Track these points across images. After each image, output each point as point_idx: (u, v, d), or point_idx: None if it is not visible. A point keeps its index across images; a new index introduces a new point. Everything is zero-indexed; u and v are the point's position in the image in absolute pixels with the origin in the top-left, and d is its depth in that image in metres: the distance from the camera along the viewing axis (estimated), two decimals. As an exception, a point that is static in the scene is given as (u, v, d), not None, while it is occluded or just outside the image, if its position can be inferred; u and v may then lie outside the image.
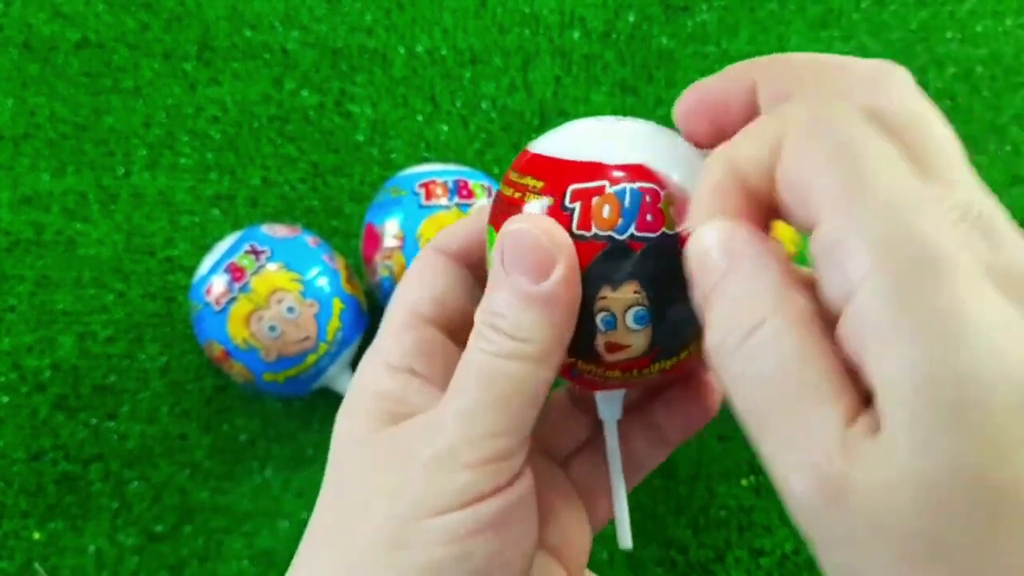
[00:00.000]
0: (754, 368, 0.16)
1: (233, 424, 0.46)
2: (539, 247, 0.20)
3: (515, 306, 0.21)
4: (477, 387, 0.21)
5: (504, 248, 0.21)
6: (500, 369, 0.21)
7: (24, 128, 0.51)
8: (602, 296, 0.21)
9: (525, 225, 0.21)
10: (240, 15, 0.54)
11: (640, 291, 0.21)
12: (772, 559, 0.43)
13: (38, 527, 0.44)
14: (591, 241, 0.21)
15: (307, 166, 0.51)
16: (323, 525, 0.22)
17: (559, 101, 0.52)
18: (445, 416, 0.21)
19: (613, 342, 0.22)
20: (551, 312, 0.21)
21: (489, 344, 0.21)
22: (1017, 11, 0.54)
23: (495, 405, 0.20)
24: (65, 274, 0.48)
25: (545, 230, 0.21)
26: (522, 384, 0.21)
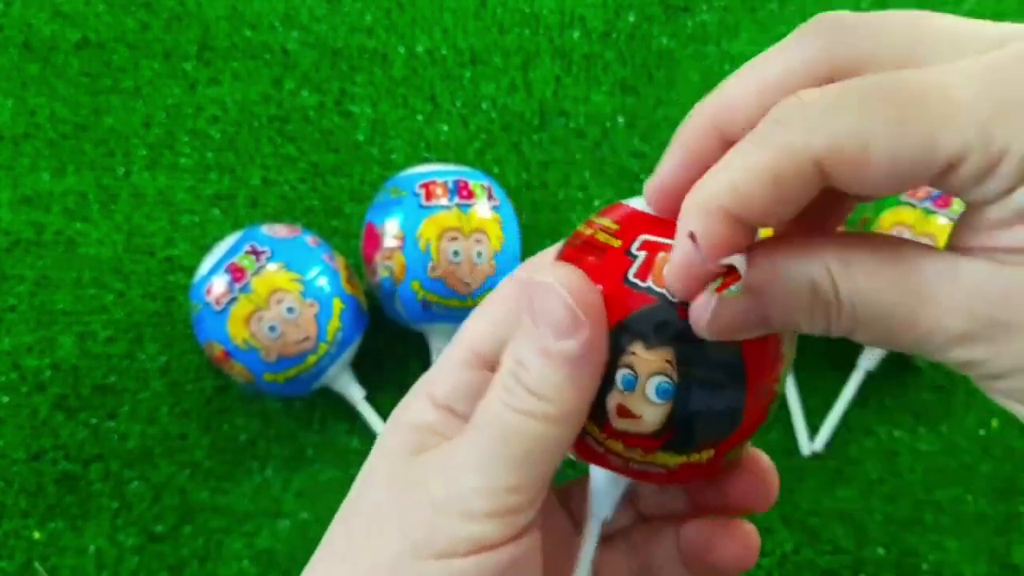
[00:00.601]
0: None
1: (233, 424, 0.46)
2: (564, 305, 0.20)
3: (539, 361, 0.20)
4: (494, 438, 0.20)
5: (531, 298, 0.20)
6: (518, 425, 0.20)
7: (24, 128, 0.51)
8: (632, 351, 0.20)
9: (553, 280, 0.20)
10: (240, 15, 0.54)
11: (672, 361, 0.20)
12: (772, 559, 0.43)
13: (38, 527, 0.44)
14: (643, 293, 0.20)
15: (307, 166, 0.51)
16: (332, 546, 0.22)
17: (559, 101, 0.52)
18: (460, 458, 0.21)
19: (626, 406, 0.20)
20: (575, 374, 0.20)
21: (510, 396, 0.20)
22: (1017, 11, 0.54)
23: (511, 460, 0.20)
24: (65, 274, 0.48)
25: (574, 289, 0.20)
26: (539, 443, 0.20)
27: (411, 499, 0.21)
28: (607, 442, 0.21)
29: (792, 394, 0.46)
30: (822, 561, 0.43)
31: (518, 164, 0.51)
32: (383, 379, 0.47)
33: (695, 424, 0.20)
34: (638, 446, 0.21)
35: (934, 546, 0.43)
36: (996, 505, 0.44)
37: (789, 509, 0.44)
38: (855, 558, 0.43)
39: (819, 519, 0.44)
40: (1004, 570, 0.43)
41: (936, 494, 0.44)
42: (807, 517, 0.44)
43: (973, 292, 0.17)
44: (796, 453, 0.45)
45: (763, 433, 0.45)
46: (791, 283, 0.18)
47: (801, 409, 0.45)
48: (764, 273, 0.18)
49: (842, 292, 0.18)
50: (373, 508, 0.22)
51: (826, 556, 0.43)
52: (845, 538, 0.43)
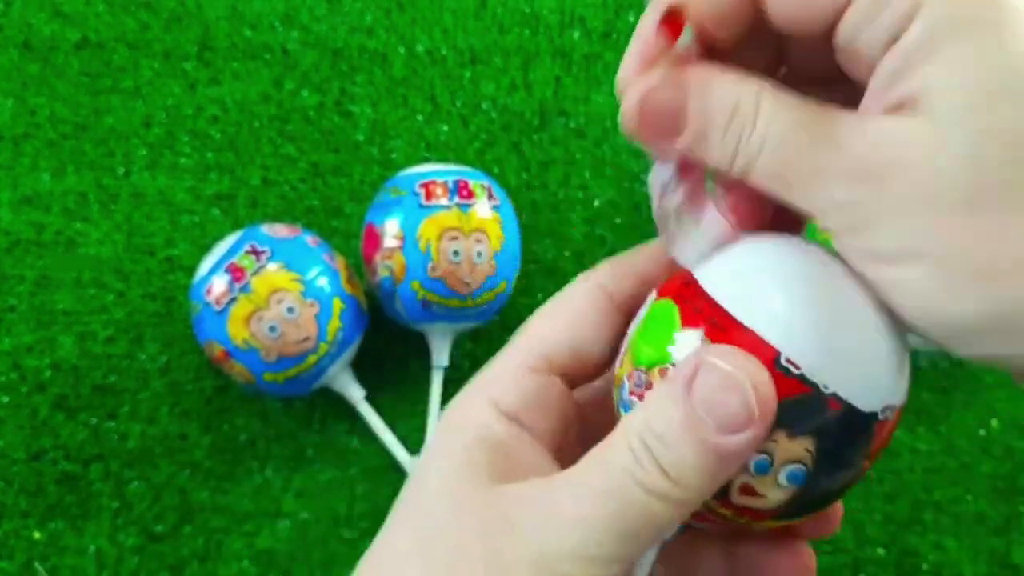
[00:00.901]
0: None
1: (233, 424, 0.46)
2: (745, 403, 0.18)
3: (684, 443, 0.18)
4: (611, 508, 0.19)
5: (698, 379, 0.18)
6: (640, 502, 0.19)
7: (24, 128, 0.51)
8: (773, 439, 0.19)
9: (738, 370, 0.18)
10: (240, 15, 0.54)
11: (812, 451, 0.19)
12: (772, 559, 0.43)
13: (38, 527, 0.44)
14: (795, 380, 0.18)
15: (307, 166, 0.51)
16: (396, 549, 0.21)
17: (559, 101, 0.52)
18: (566, 515, 0.19)
19: (752, 487, 0.19)
20: (719, 467, 0.18)
21: (639, 469, 0.19)
22: (1017, 11, 0.54)
23: (622, 535, 0.19)
24: (65, 274, 0.48)
25: (759, 385, 0.18)
26: (656, 524, 0.19)
27: (501, 543, 0.19)
28: (719, 510, 0.20)
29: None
30: (822, 561, 0.43)
31: (518, 164, 0.51)
32: (383, 379, 0.47)
33: (816, 503, 0.20)
34: (748, 516, 0.20)
35: (934, 546, 0.43)
36: (996, 505, 0.44)
37: (789, 509, 0.44)
38: (855, 558, 0.43)
39: (819, 519, 0.44)
40: (1004, 570, 0.43)
41: (936, 494, 0.44)
42: (807, 517, 0.44)
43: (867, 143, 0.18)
44: (796, 453, 0.45)
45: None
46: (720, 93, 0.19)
47: (801, 409, 0.45)
48: (701, 75, 0.19)
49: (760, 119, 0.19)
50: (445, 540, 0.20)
51: (826, 556, 0.43)
52: (845, 538, 0.44)
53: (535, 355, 0.22)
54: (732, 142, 0.19)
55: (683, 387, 0.18)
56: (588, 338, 0.22)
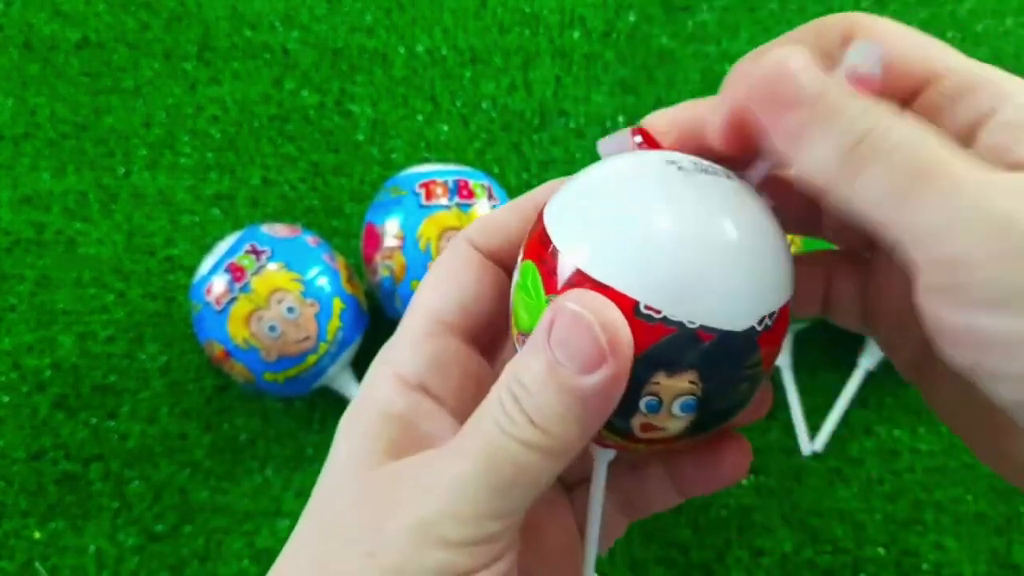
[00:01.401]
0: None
1: (233, 424, 0.46)
2: (594, 340, 0.18)
3: (547, 389, 0.18)
4: (482, 462, 0.19)
5: (554, 324, 0.18)
6: (511, 453, 0.19)
7: (24, 128, 0.51)
8: (655, 382, 0.19)
9: (585, 310, 0.18)
10: (240, 15, 0.54)
11: (696, 382, 0.19)
12: (772, 559, 0.43)
13: (38, 527, 0.44)
14: (659, 324, 0.18)
15: (307, 166, 0.51)
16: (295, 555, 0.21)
17: (559, 101, 0.52)
18: (441, 479, 0.19)
19: (651, 424, 0.20)
20: (584, 410, 0.19)
21: (507, 421, 0.19)
22: (1017, 11, 0.54)
23: (497, 488, 0.19)
24: (65, 274, 0.48)
25: (607, 322, 0.18)
26: (530, 475, 0.19)
27: (383, 519, 0.19)
28: (631, 446, 0.21)
29: (792, 394, 0.46)
30: (822, 561, 0.43)
31: (518, 164, 0.51)
32: (383, 379, 0.47)
33: (716, 419, 0.20)
34: (661, 444, 0.21)
35: (934, 546, 0.43)
36: (996, 505, 0.44)
37: (789, 509, 0.44)
38: (855, 558, 0.43)
39: (819, 519, 0.44)
40: (1004, 570, 0.43)
41: (936, 494, 0.44)
42: (807, 517, 0.44)
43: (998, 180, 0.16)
44: (796, 453, 0.45)
45: (763, 433, 0.45)
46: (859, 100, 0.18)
47: (801, 409, 0.45)
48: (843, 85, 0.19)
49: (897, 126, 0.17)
50: (340, 521, 0.20)
51: (826, 556, 0.43)
52: (845, 538, 0.44)
53: (429, 320, 0.22)
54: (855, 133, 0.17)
55: (543, 335, 0.19)
56: (472, 295, 0.22)
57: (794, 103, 0.18)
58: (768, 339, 0.19)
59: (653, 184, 0.19)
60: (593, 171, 0.21)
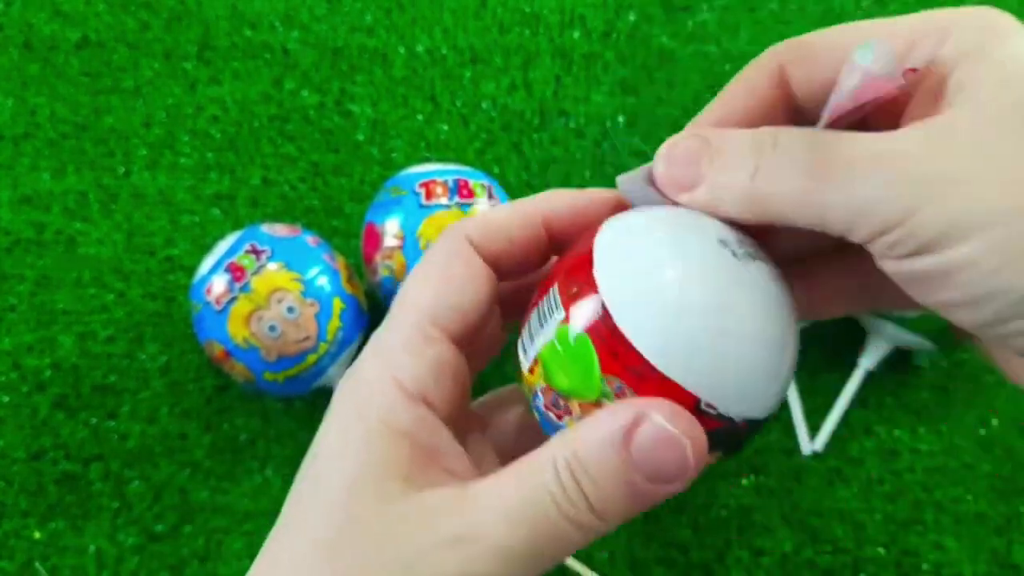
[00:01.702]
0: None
1: (233, 424, 0.46)
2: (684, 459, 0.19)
3: (616, 487, 0.19)
4: (528, 535, 0.19)
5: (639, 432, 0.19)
6: (562, 531, 0.19)
7: (24, 128, 0.51)
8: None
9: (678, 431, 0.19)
10: (240, 15, 0.54)
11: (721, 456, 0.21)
12: (772, 559, 0.43)
13: (38, 527, 0.44)
14: (713, 419, 0.20)
15: (307, 166, 0.51)
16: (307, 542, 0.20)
17: (559, 101, 0.52)
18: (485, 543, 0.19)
19: None
20: (644, 505, 0.19)
21: (565, 501, 0.19)
22: (1018, 11, 0.54)
23: (537, 557, 0.19)
24: (65, 274, 0.48)
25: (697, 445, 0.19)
26: (568, 549, 0.19)
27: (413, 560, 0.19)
28: None
29: (792, 394, 0.46)
30: (822, 561, 0.43)
31: (518, 164, 0.51)
32: (383, 379, 0.47)
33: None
34: None
35: (934, 546, 0.43)
36: (996, 505, 0.44)
37: (789, 509, 0.44)
38: (855, 558, 0.43)
39: (819, 519, 0.44)
40: (1004, 570, 0.43)
41: (936, 494, 0.44)
42: (807, 517, 0.44)
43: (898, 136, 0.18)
44: (796, 453, 0.45)
45: (763, 433, 0.45)
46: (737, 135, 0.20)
47: (801, 409, 0.45)
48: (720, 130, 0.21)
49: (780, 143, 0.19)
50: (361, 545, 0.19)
51: (826, 556, 0.43)
52: (845, 538, 0.44)
53: (427, 323, 0.21)
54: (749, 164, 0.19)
55: (622, 437, 0.19)
56: (470, 300, 0.22)
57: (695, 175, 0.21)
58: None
59: (713, 274, 0.20)
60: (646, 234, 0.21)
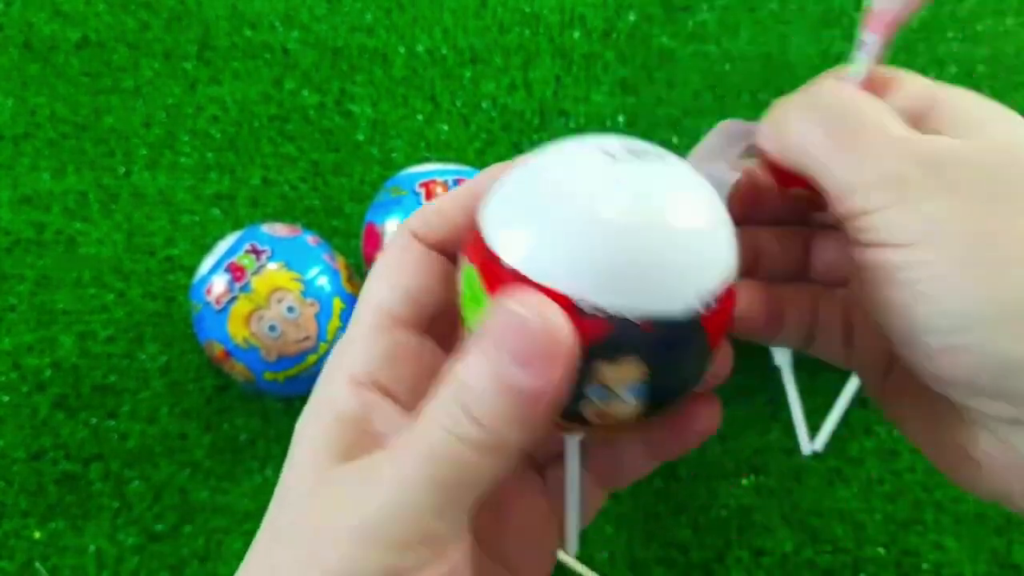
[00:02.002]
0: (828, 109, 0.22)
1: (233, 424, 0.46)
2: (536, 340, 0.18)
3: (490, 389, 0.18)
4: (423, 460, 0.19)
5: (496, 325, 0.18)
6: (452, 451, 0.18)
7: (24, 128, 0.51)
8: (599, 373, 0.19)
9: (526, 311, 0.18)
10: (240, 15, 0.54)
11: (644, 367, 0.19)
12: (772, 559, 0.43)
13: (38, 526, 0.44)
14: (599, 319, 0.19)
15: (307, 165, 0.51)
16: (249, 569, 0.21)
17: (559, 100, 0.52)
18: (382, 479, 0.19)
19: (603, 411, 0.20)
20: (528, 412, 0.18)
21: (449, 419, 0.19)
22: (1018, 10, 0.54)
23: (438, 487, 0.18)
24: (65, 274, 0.48)
25: (548, 323, 0.18)
26: (472, 473, 0.19)
27: (326, 522, 0.19)
28: (589, 430, 0.21)
29: (792, 394, 0.46)
30: (822, 561, 0.43)
31: (518, 164, 0.51)
32: (383, 379, 0.47)
33: (670, 397, 0.20)
34: (617, 428, 0.21)
35: (934, 546, 0.43)
36: (996, 505, 0.44)
37: (789, 509, 0.44)
38: (855, 558, 0.43)
39: (819, 519, 0.44)
40: (1004, 570, 0.43)
41: (936, 494, 0.44)
42: (807, 517, 0.44)
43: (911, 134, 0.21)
44: (796, 453, 0.45)
45: (763, 433, 0.45)
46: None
47: (801, 409, 0.45)
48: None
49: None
50: (289, 527, 0.20)
51: (826, 556, 0.43)
52: (845, 538, 0.43)
53: (378, 314, 0.22)
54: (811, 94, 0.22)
55: (486, 337, 0.18)
56: (419, 285, 0.22)
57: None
58: (713, 319, 0.19)
59: (583, 177, 0.19)
60: (526, 164, 0.21)
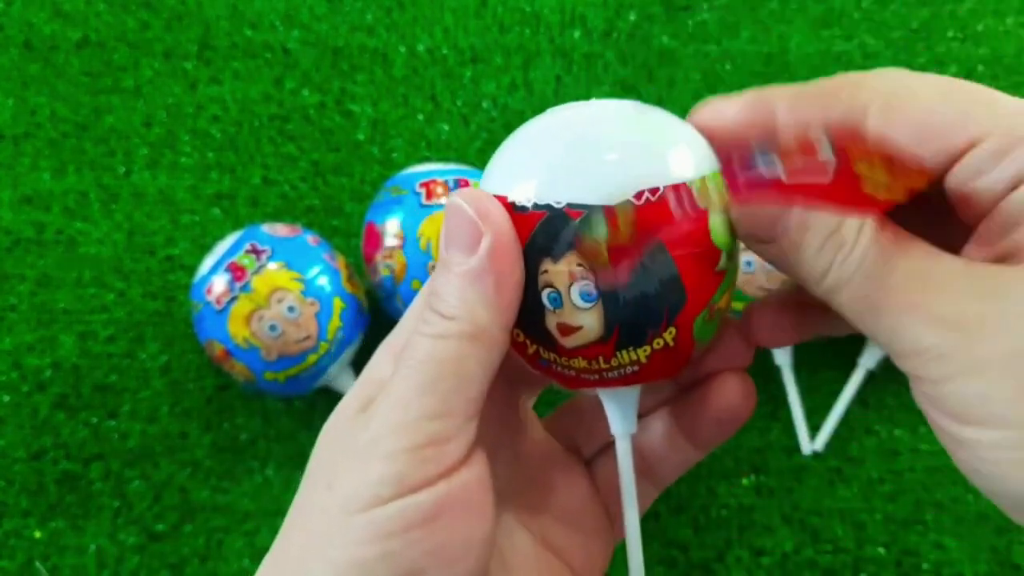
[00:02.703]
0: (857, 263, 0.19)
1: (234, 423, 0.46)
2: (469, 220, 0.20)
3: (450, 283, 0.20)
4: (412, 369, 0.20)
5: (444, 224, 0.21)
6: (433, 350, 0.20)
7: (25, 127, 0.51)
8: (544, 270, 0.20)
9: (459, 199, 0.20)
10: (241, 14, 0.54)
11: (583, 264, 0.20)
12: (772, 559, 0.43)
13: (39, 526, 0.44)
14: (532, 212, 0.20)
15: (308, 165, 0.51)
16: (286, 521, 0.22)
17: (560, 100, 0.52)
18: (381, 400, 0.20)
19: (563, 323, 0.21)
20: (480, 286, 0.20)
21: (425, 324, 0.20)
22: (1018, 10, 0.54)
23: (427, 387, 0.19)
24: (66, 273, 0.48)
25: (475, 200, 0.20)
26: (454, 364, 0.20)
27: (341, 454, 0.20)
28: (570, 362, 0.21)
29: (792, 394, 0.46)
30: (822, 560, 0.43)
31: (519, 163, 0.51)
32: (384, 378, 0.47)
33: (631, 313, 0.20)
34: (597, 355, 0.21)
35: (935, 546, 0.43)
36: (997, 505, 0.44)
37: (789, 508, 0.44)
38: (855, 557, 0.43)
39: (819, 518, 0.44)
40: (1004, 570, 0.43)
41: (937, 494, 0.44)
42: (807, 516, 0.44)
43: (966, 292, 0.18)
44: (796, 452, 0.45)
45: (763, 433, 0.45)
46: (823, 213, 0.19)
47: (801, 409, 0.45)
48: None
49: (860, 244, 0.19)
50: (317, 471, 0.21)
51: (826, 555, 0.43)
52: (845, 538, 0.44)
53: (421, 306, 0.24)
54: (826, 258, 0.19)
55: (442, 240, 0.21)
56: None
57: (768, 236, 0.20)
58: (649, 213, 0.19)
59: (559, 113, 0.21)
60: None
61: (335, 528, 0.19)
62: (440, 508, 0.19)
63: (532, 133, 0.21)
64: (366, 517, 0.19)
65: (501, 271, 0.20)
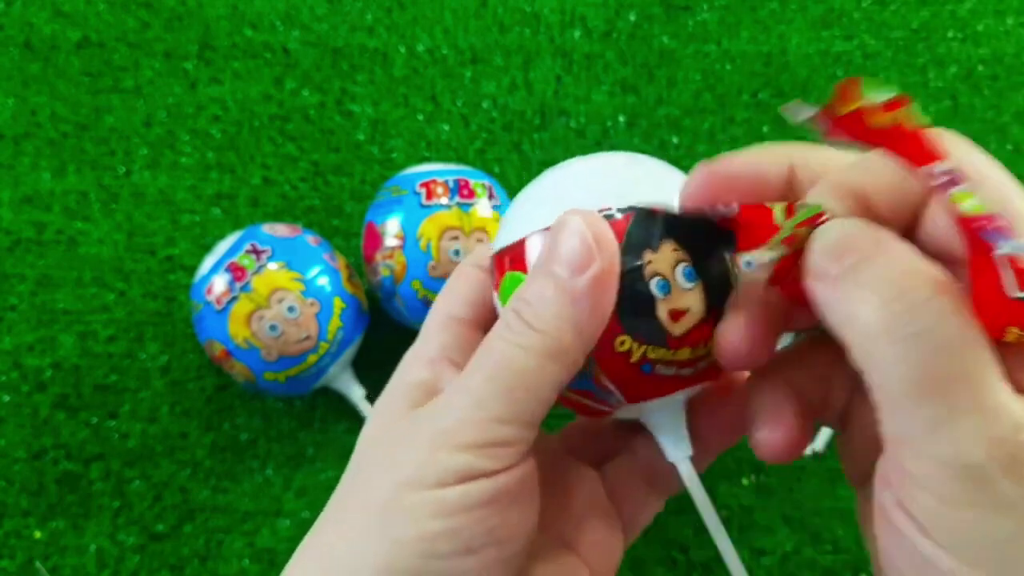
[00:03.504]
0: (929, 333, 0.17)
1: (234, 423, 0.46)
2: (584, 241, 0.21)
3: (544, 297, 0.21)
4: (489, 372, 0.21)
5: (554, 236, 0.21)
6: (513, 358, 0.21)
7: (25, 127, 0.51)
8: (648, 261, 0.22)
9: (578, 218, 0.21)
10: (241, 14, 0.54)
11: (679, 247, 0.22)
12: (773, 559, 0.43)
13: (39, 526, 0.44)
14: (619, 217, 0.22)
15: (308, 165, 0.51)
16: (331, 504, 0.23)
17: (560, 100, 0.52)
18: (454, 395, 0.21)
19: (674, 308, 0.22)
20: (576, 309, 0.21)
21: (508, 331, 0.21)
22: (1018, 10, 0.54)
23: (501, 393, 0.21)
24: (66, 273, 0.48)
25: (592, 224, 0.21)
26: (532, 377, 0.21)
27: (405, 441, 0.21)
28: (678, 355, 0.23)
29: (793, 393, 0.46)
30: (823, 560, 0.43)
31: (519, 163, 0.51)
32: (383, 379, 0.46)
33: (722, 287, 0.23)
34: (700, 340, 0.23)
35: (935, 546, 0.43)
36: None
37: (790, 508, 0.44)
38: (856, 557, 0.43)
39: (820, 519, 0.44)
40: (1005, 570, 0.43)
41: (937, 494, 0.44)
42: (808, 517, 0.44)
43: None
44: (797, 452, 0.45)
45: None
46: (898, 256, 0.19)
47: (802, 408, 0.45)
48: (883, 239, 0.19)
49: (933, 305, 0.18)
50: (368, 461, 0.22)
51: (827, 556, 0.43)
52: (846, 538, 0.43)
53: (444, 316, 0.26)
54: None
55: (544, 250, 0.22)
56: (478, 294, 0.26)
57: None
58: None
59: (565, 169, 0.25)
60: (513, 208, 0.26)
61: (399, 504, 0.20)
62: (499, 495, 0.20)
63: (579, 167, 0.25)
64: (433, 494, 0.20)
65: (600, 300, 0.21)
